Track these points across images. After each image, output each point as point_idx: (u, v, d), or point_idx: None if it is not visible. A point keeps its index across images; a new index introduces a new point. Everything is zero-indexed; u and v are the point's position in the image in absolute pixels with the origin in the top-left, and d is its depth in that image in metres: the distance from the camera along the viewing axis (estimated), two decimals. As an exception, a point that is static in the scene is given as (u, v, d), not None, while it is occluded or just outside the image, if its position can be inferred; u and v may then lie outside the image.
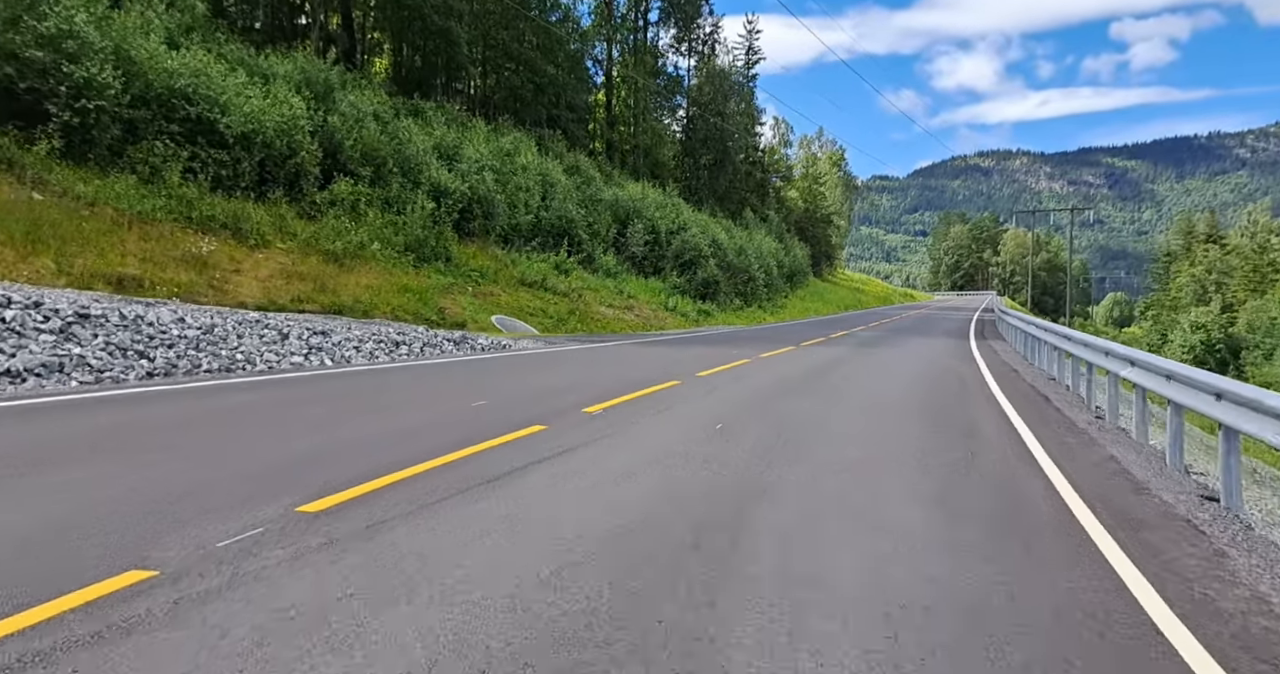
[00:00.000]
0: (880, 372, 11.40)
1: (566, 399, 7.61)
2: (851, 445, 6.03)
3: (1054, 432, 7.03)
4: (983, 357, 14.69)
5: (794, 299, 50.88)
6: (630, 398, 7.79)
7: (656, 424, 6.52)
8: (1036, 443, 6.42)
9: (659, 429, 6.33)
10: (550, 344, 15.13)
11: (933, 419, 7.39)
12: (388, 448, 5.23)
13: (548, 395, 7.93)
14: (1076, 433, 7.02)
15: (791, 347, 15.74)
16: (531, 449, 5.34)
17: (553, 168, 30.23)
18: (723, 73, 51.73)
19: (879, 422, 7.19)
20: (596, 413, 6.89)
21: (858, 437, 6.43)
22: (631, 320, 25.15)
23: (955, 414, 7.73)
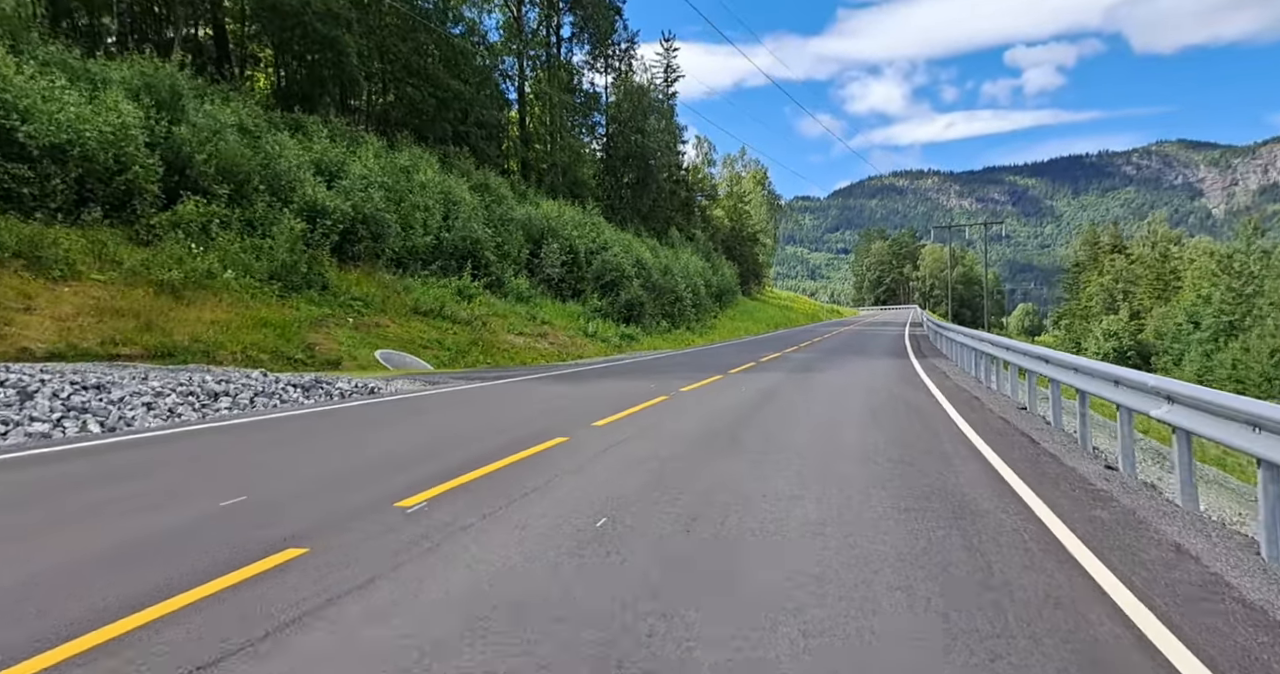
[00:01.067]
0: (822, 406, 9.36)
1: (384, 483, 5.19)
2: (800, 551, 3.84)
3: (1069, 496, 5.05)
4: (931, 379, 12.94)
5: (724, 319, 49.46)
6: (485, 472, 5.44)
7: (501, 528, 4.19)
8: (1058, 521, 4.40)
9: (502, 539, 4.00)
10: (433, 384, 12.57)
11: (903, 483, 5.31)
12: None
13: (362, 475, 5.48)
14: (1100, 499, 5.05)
15: (718, 375, 13.66)
16: (245, 619, 2.92)
17: (457, 185, 27.73)
18: (641, 89, 50.43)
19: (832, 492, 5.05)
20: (414, 508, 4.51)
21: (806, 528, 4.26)
22: (544, 349, 22.73)
23: (929, 473, 5.67)
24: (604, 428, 7.56)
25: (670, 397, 10.23)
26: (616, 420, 8.05)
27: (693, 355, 21.95)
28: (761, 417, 8.42)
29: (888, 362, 17.80)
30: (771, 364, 17.18)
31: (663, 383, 12.32)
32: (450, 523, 4.24)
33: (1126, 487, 5.38)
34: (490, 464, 5.68)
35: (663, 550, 3.82)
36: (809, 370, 15.00)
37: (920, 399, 10.06)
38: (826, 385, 11.94)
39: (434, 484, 5.00)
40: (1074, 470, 5.83)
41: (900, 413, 8.81)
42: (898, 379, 13.08)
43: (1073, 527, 4.34)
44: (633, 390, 11.17)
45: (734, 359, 19.11)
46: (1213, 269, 49.50)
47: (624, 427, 7.61)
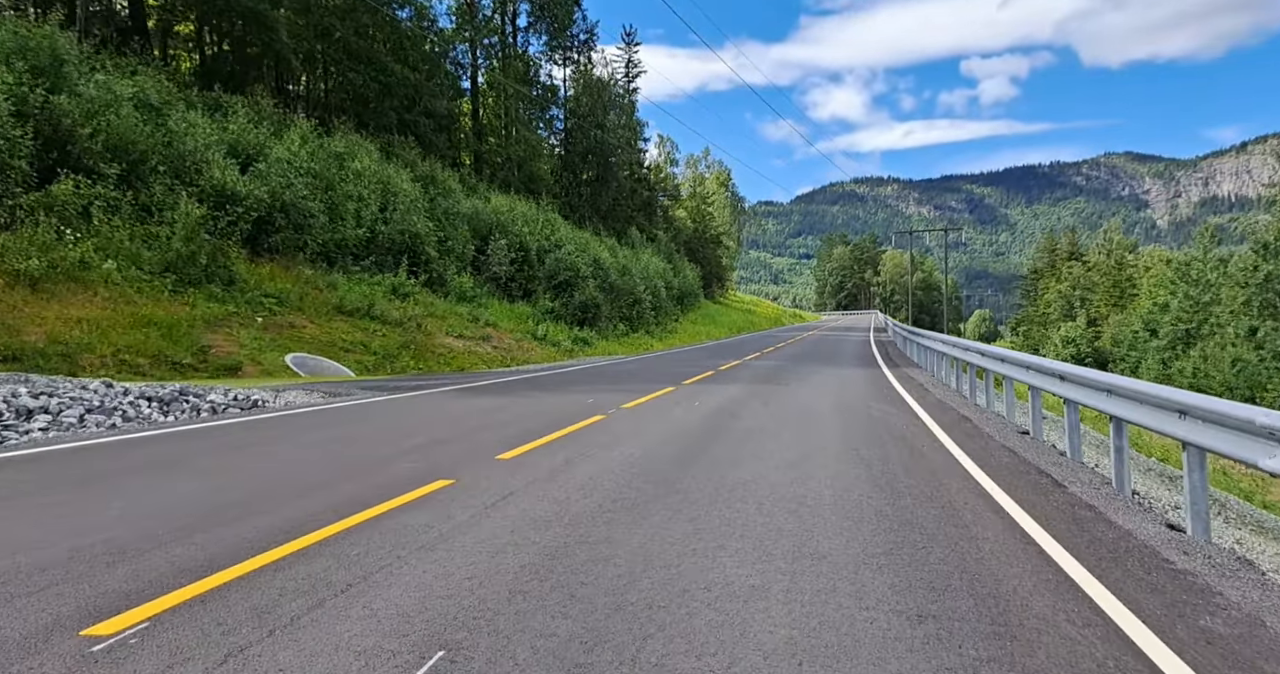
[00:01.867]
0: (789, 430, 7.72)
1: (86, 586, 3.35)
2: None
3: (1150, 587, 3.47)
4: (909, 393, 11.45)
5: (685, 322, 47.95)
6: (279, 555, 3.63)
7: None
8: (1158, 644, 2.80)
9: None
10: (335, 396, 10.64)
11: (908, 561, 3.69)
12: None
13: (68, 565, 3.63)
14: (1194, 590, 3.47)
15: (670, 387, 11.97)
16: None
17: (398, 176, 25.62)
18: (601, 83, 48.72)
19: (807, 581, 3.40)
20: (109, 641, 2.69)
21: (773, 658, 2.59)
22: (487, 353, 20.82)
23: (939, 540, 4.07)
24: (508, 464, 5.79)
25: (608, 416, 8.50)
26: (529, 451, 6.28)
27: (647, 362, 20.26)
28: (714, 447, 6.74)
29: (858, 371, 16.35)
30: (731, 373, 15.57)
31: (605, 396, 10.59)
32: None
33: (1216, 564, 3.82)
34: (303, 537, 3.86)
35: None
36: (772, 382, 13.41)
37: (904, 421, 8.50)
38: (792, 401, 10.33)
39: (167, 590, 3.17)
40: (1131, 535, 4.27)
41: (885, 440, 7.21)
42: (873, 393, 11.56)
43: (1183, 652, 2.74)
44: (566, 407, 9.41)
45: (691, 367, 17.47)
46: (1171, 277, 49.69)
47: (534, 462, 5.85)
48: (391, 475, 5.28)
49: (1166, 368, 51.20)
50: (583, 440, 6.86)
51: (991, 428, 8.06)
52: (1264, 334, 33.60)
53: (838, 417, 8.76)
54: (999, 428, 8.09)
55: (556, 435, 7.06)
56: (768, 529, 4.19)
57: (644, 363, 19.77)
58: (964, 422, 8.51)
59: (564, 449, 6.41)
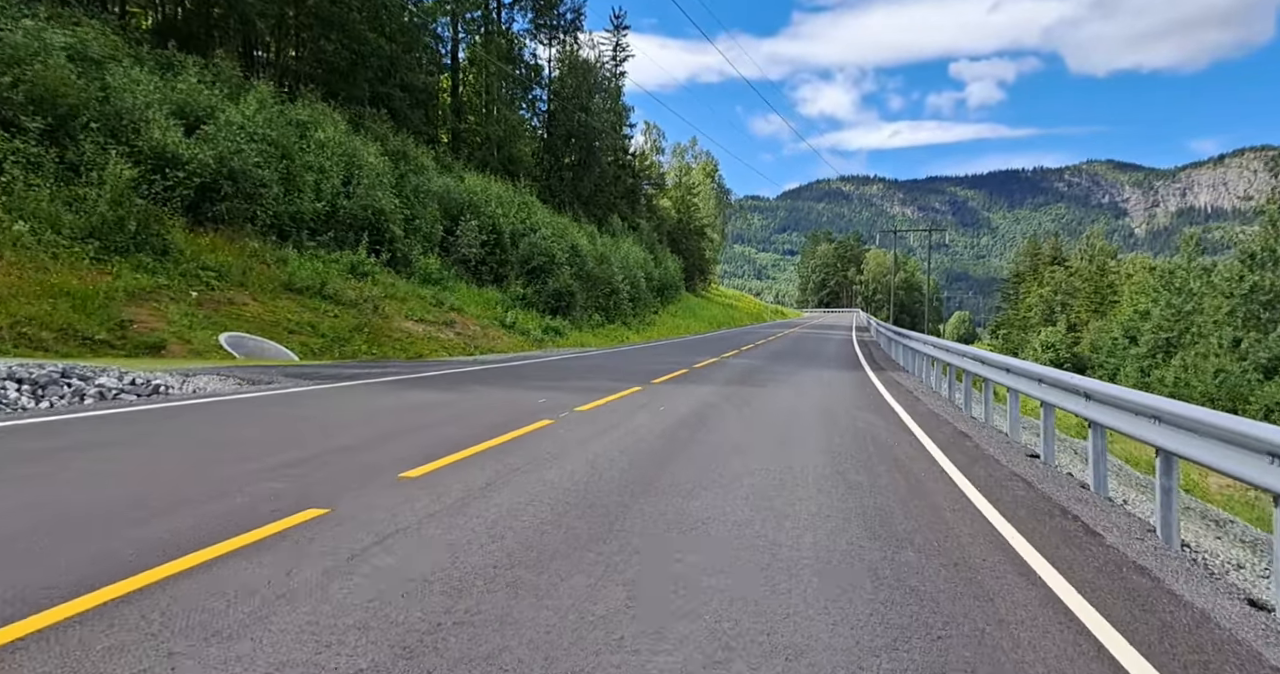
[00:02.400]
0: (764, 446, 6.63)
1: None
2: None
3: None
4: (898, 401, 10.42)
5: (664, 315, 46.86)
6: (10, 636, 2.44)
7: None
8: None
9: None
10: (255, 383, 9.38)
11: (919, 669, 2.56)
12: None
13: None
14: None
15: (637, 386, 10.84)
16: None
17: (365, 149, 24.16)
18: (587, 65, 47.20)
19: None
20: None
21: None
22: (448, 340, 19.55)
23: (958, 621, 3.03)
24: (410, 485, 4.63)
25: (556, 421, 7.35)
26: (443, 468, 5.12)
27: (618, 356, 19.12)
28: (675, 466, 5.61)
29: (841, 374, 15.32)
30: (706, 372, 14.47)
31: (561, 396, 9.43)
32: None
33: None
34: (34, 615, 2.68)
35: None
36: (749, 383, 12.32)
37: (895, 437, 7.44)
38: (770, 407, 9.24)
39: None
40: (1210, 621, 3.20)
41: (875, 462, 6.14)
42: (858, 400, 10.51)
43: None
44: (513, 407, 8.25)
45: (664, 363, 16.35)
46: (1154, 285, 49.41)
47: (444, 484, 4.69)
48: (244, 502, 4.09)
49: (1145, 375, 51.06)
50: (517, 454, 5.70)
51: (995, 448, 7.02)
52: (1247, 345, 33.22)
53: (820, 428, 7.68)
54: (1004, 449, 7.06)
55: (487, 446, 5.90)
56: (728, 600, 3.07)
57: (615, 357, 18.63)
58: (962, 439, 7.46)
59: (490, 465, 5.25)
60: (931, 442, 7.18)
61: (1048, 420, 6.60)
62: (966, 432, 7.94)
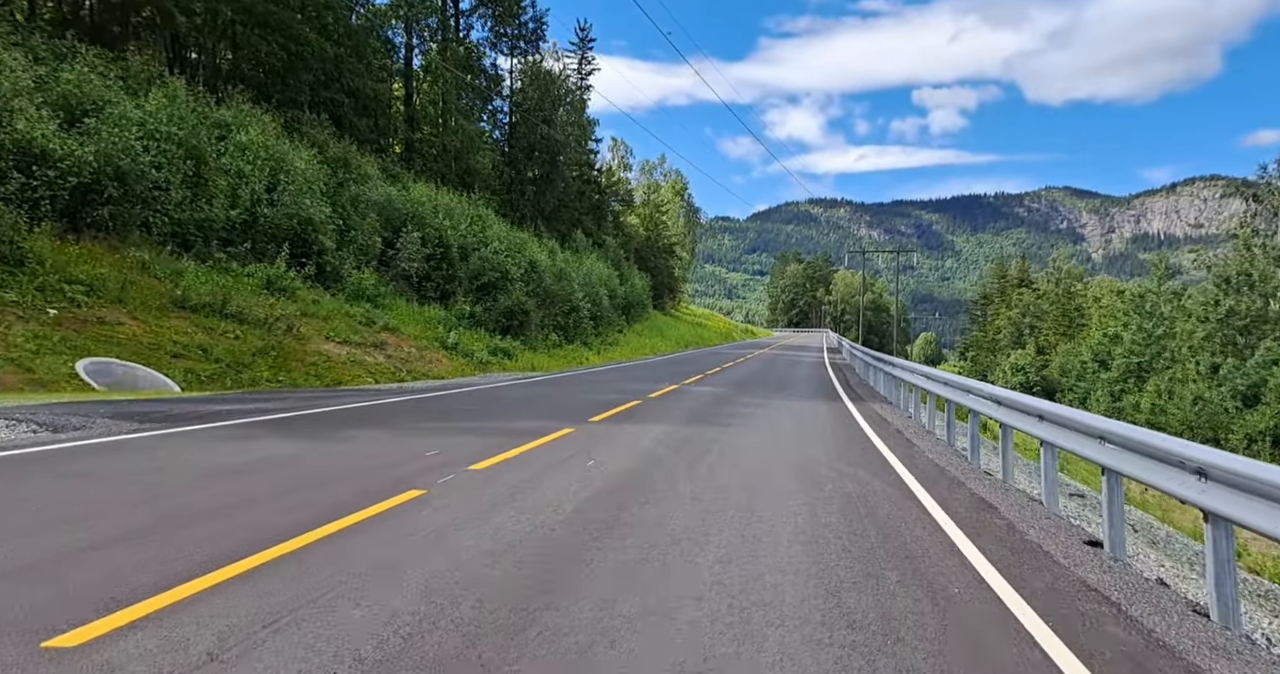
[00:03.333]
0: (719, 541, 4.61)
1: None
2: None
3: None
4: (891, 448, 8.50)
5: (630, 334, 44.90)
6: None
7: None
8: None
9: None
10: (56, 430, 7.11)
11: None
12: None
13: None
14: None
15: (570, 427, 8.77)
16: None
17: (295, 153, 21.94)
18: (550, 76, 45.54)
19: None
20: None
21: None
22: (377, 363, 17.30)
23: None
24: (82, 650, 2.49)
25: (428, 491, 5.25)
26: (140, 620, 2.98)
27: (565, 383, 17.04)
28: (577, 591, 3.56)
29: (817, 406, 13.40)
30: (662, 404, 12.46)
31: (466, 442, 7.35)
32: None
33: None
34: None
35: None
36: (711, 421, 10.32)
37: (900, 511, 5.47)
38: (733, 461, 7.23)
39: None
40: None
41: (881, 563, 4.17)
42: (843, 446, 8.56)
43: None
44: (380, 467, 6.13)
45: (615, 392, 14.30)
46: (1124, 308, 48.88)
47: (122, 665, 2.56)
48: None
49: (1116, 401, 50.38)
50: (315, 575, 3.59)
51: (1038, 531, 5.09)
52: (1226, 371, 32.32)
53: (798, 498, 5.69)
54: (1049, 531, 5.13)
55: (276, 553, 3.78)
56: None
57: (561, 384, 16.53)
58: (990, 514, 5.53)
59: (246, 603, 3.13)
60: (949, 518, 5.24)
61: (1113, 494, 4.70)
62: (988, 498, 6.02)
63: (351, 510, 4.58)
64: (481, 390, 13.89)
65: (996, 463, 7.65)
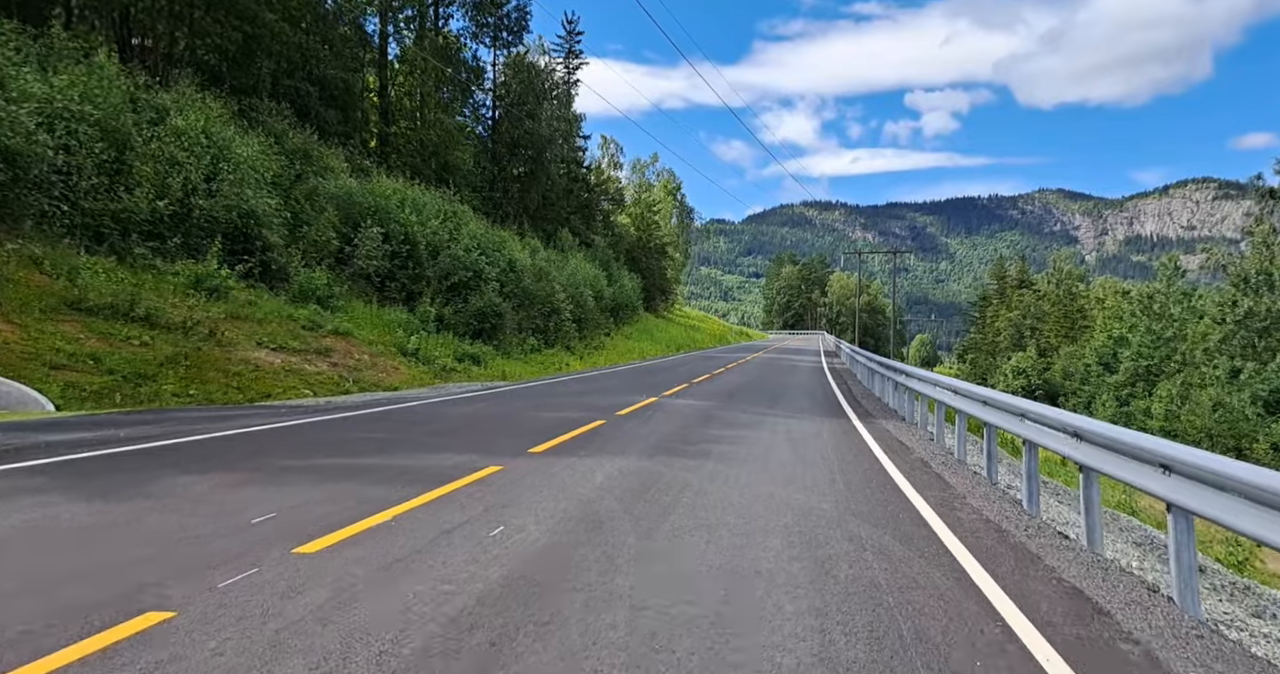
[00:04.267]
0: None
1: None
2: None
3: None
4: (920, 491, 6.48)
5: (618, 338, 42.89)
6: None
7: None
8: None
9: None
10: None
11: None
12: None
13: None
14: None
15: (496, 465, 6.71)
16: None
17: (243, 142, 19.90)
18: (534, 68, 43.57)
19: None
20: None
21: None
22: (318, 372, 15.23)
23: None
24: None
25: (177, 613, 3.19)
26: None
27: (523, 396, 15.00)
28: None
29: (820, 426, 11.37)
30: (628, 424, 10.42)
31: (320, 499, 5.30)
32: None
33: None
34: None
35: None
36: (684, 452, 8.27)
37: (960, 627, 3.45)
38: (708, 520, 5.19)
39: None
40: None
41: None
42: (857, 491, 6.53)
43: None
44: (142, 556, 4.07)
45: (579, 408, 12.26)
46: (1131, 309, 47.07)
47: None
48: None
49: (1124, 405, 48.55)
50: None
51: (1178, 661, 3.07)
52: (1247, 376, 30.47)
53: (803, 601, 3.66)
54: (1196, 656, 3.12)
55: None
56: None
57: (521, 397, 14.49)
58: (1103, 626, 3.51)
59: None
60: (1044, 641, 3.22)
61: None
62: (1086, 590, 4.00)
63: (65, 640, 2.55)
64: (419, 407, 11.81)
65: (1064, 511, 5.65)
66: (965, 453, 8.10)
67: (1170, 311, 43.51)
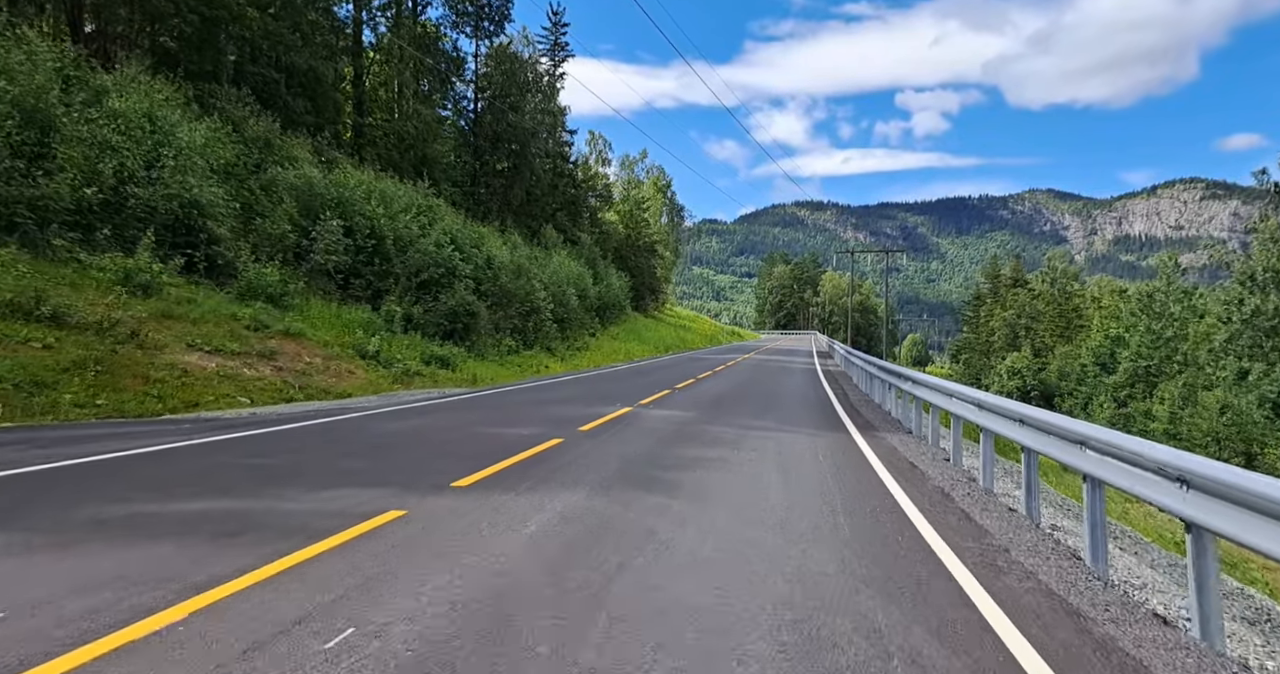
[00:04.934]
0: None
1: None
2: None
3: None
4: (943, 536, 5.07)
5: (604, 338, 41.40)
6: None
7: None
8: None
9: None
10: None
11: None
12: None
13: None
14: None
15: (395, 511, 5.23)
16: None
17: (188, 128, 18.35)
18: (516, 59, 42.01)
19: None
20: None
21: None
22: (260, 377, 13.70)
23: None
24: None
25: None
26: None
27: (480, 404, 13.52)
28: None
29: (815, 441, 9.93)
30: (588, 444, 8.95)
31: (103, 580, 3.81)
32: None
33: None
34: None
35: None
36: (651, 482, 6.78)
37: None
38: (666, 602, 3.74)
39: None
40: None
41: None
42: (867, 541, 5.09)
43: None
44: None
45: (534, 422, 10.78)
46: (1130, 309, 45.94)
47: None
48: None
49: (1122, 407, 47.44)
50: None
51: None
52: (1255, 377, 29.30)
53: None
54: None
55: None
56: None
57: (477, 408, 13.00)
58: None
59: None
60: None
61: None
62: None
63: None
64: (355, 421, 10.30)
65: (1138, 568, 4.23)
66: (991, 479, 6.68)
67: (1170, 310, 42.38)
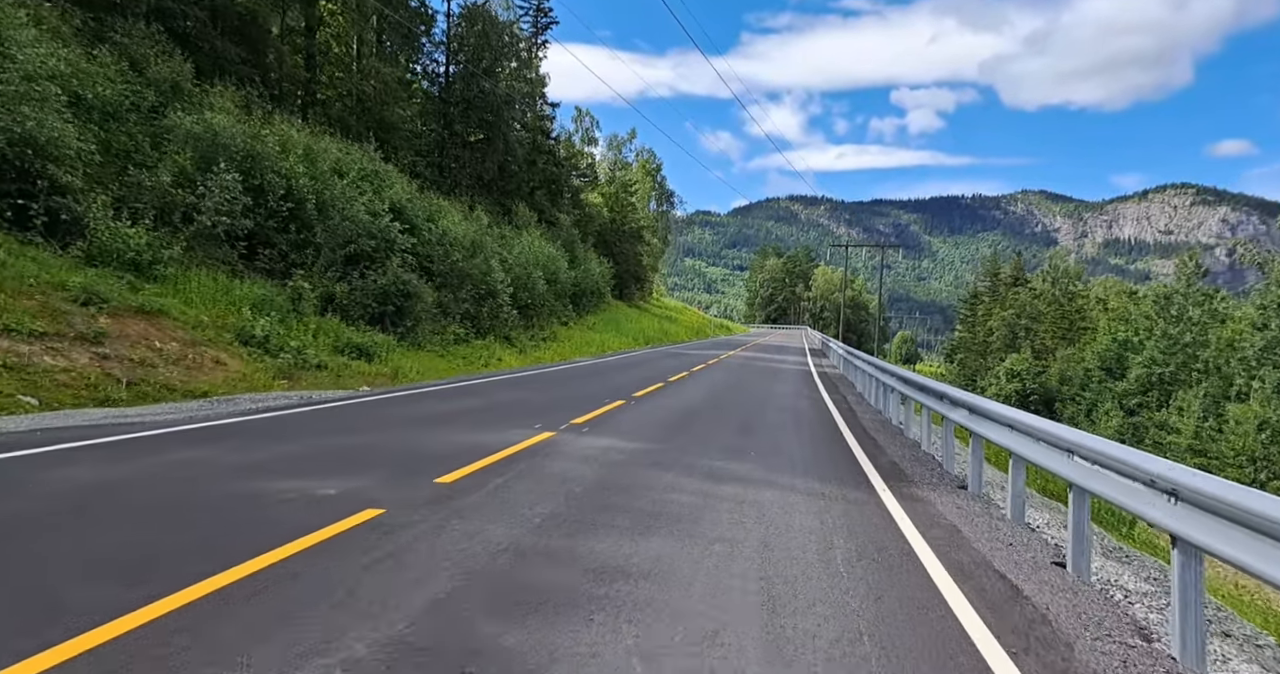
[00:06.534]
0: None
1: None
2: None
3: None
4: None
5: (578, 328, 37.88)
6: None
7: None
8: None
9: None
10: None
11: None
12: None
13: None
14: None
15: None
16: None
17: (44, 49, 14.53)
18: (491, 19, 38.17)
19: None
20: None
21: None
22: (64, 369, 10.09)
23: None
24: None
25: None
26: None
27: (339, 422, 9.97)
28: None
29: (821, 512, 6.42)
30: (439, 515, 5.45)
31: None
32: None
33: None
34: None
35: None
36: (477, 656, 3.30)
37: None
38: None
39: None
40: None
41: None
42: None
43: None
44: None
45: (395, 459, 7.29)
46: (1145, 312, 42.89)
47: None
48: None
49: (1132, 415, 44.46)
50: None
51: None
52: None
53: None
54: None
55: None
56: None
57: (324, 430, 9.46)
58: None
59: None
60: None
61: None
62: None
63: None
64: (102, 453, 6.74)
65: None
66: (1196, 632, 3.26)
67: (1189, 314, 39.35)
